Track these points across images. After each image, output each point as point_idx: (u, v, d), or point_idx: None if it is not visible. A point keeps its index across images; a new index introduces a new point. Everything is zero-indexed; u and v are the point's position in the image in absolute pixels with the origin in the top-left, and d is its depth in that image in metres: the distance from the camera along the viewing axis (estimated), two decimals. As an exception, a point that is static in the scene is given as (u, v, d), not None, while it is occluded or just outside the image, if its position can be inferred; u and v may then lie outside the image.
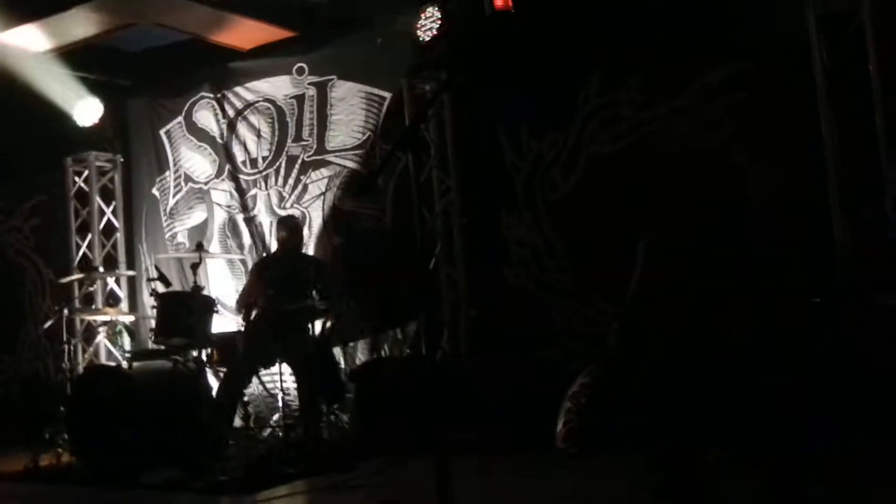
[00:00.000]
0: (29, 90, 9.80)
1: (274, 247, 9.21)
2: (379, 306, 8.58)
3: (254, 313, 8.09)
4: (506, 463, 6.97)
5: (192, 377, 7.49)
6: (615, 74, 7.55)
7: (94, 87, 10.25)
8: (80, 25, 8.86)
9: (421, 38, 8.14)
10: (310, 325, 8.12)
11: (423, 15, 8.08)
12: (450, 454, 3.84)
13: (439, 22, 7.99)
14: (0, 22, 8.73)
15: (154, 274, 8.11)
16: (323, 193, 9.27)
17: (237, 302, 8.46)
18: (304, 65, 9.44)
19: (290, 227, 8.37)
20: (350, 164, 9.10)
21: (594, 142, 7.65)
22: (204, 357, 7.70)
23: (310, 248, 9.20)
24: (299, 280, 8.04)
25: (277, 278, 8.08)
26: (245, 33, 9.36)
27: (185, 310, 7.56)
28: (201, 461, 6.99)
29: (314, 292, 8.05)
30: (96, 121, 10.15)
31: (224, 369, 7.87)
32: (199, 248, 7.91)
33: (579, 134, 7.70)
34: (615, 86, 7.55)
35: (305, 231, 9.24)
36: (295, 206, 9.44)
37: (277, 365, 7.84)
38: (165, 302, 7.68)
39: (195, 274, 7.64)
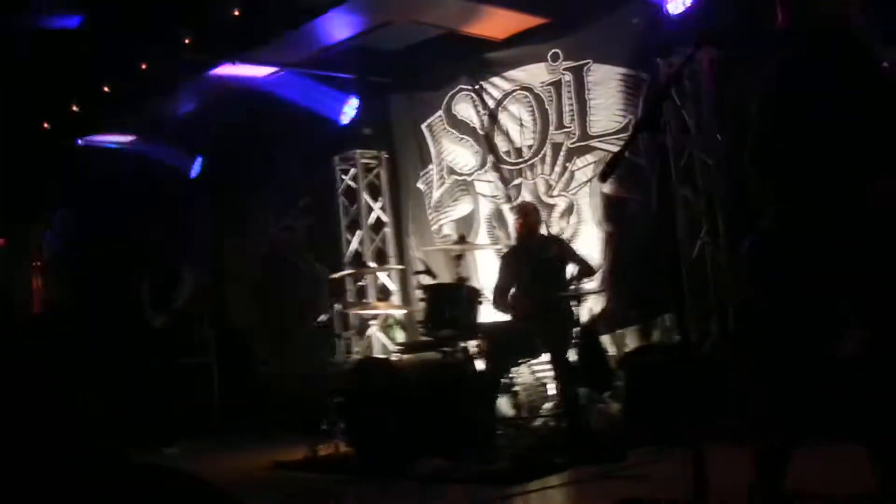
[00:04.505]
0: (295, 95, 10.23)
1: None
2: (649, 293, 8.40)
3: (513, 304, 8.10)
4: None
5: (459, 368, 7.55)
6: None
7: (356, 87, 10.52)
8: (338, 28, 9.10)
9: (671, 13, 7.95)
10: (574, 310, 8.05)
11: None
12: (711, 444, 3.72)
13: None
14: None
15: (421, 267, 8.24)
16: (589, 180, 9.16)
17: (493, 295, 8.41)
18: (558, 50, 9.35)
19: (525, 213, 8.32)
20: (614, 149, 8.93)
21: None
22: (472, 347, 7.77)
23: (580, 237, 9.15)
24: (547, 263, 7.98)
25: (526, 266, 8.05)
26: (498, 23, 9.39)
27: (450, 301, 7.65)
28: (469, 452, 7.04)
29: (567, 275, 7.97)
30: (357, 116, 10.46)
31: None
32: (462, 240, 7.98)
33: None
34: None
35: (573, 218, 9.21)
36: (562, 193, 9.38)
37: (547, 354, 7.83)
38: (431, 294, 7.79)
39: (458, 265, 7.71)
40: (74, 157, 12.25)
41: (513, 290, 8.18)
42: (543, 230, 8.64)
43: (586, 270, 7.99)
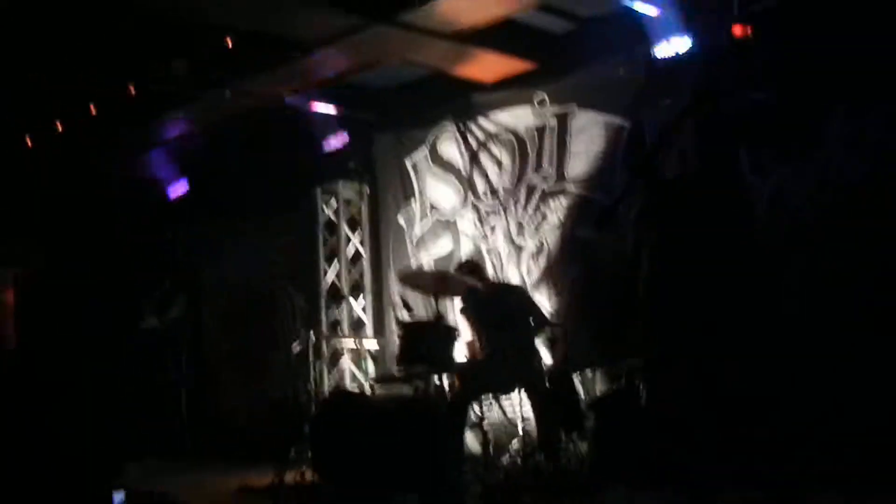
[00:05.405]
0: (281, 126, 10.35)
1: (510, 276, 9.39)
2: (616, 336, 8.49)
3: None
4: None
5: (430, 403, 7.63)
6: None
7: (342, 121, 10.65)
8: (329, 64, 9.22)
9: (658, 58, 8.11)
10: (542, 350, 8.16)
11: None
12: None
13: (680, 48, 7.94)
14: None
15: (399, 303, 8.33)
16: (562, 223, 9.27)
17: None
18: (544, 95, 9.48)
19: (470, 271, 8.42)
20: (589, 194, 9.08)
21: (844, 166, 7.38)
22: (446, 384, 7.84)
23: (548, 278, 9.29)
24: (507, 312, 8.11)
25: (485, 316, 8.18)
26: (487, 66, 9.51)
27: (426, 338, 7.71)
28: (436, 487, 7.10)
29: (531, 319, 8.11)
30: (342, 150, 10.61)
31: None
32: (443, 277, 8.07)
33: (827, 158, 7.43)
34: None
35: (542, 261, 9.33)
36: (533, 235, 9.49)
37: (517, 392, 7.91)
38: (408, 330, 7.89)
39: (437, 303, 7.79)
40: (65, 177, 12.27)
41: (472, 339, 8.30)
42: (499, 279, 8.75)
43: (541, 321, 8.15)
